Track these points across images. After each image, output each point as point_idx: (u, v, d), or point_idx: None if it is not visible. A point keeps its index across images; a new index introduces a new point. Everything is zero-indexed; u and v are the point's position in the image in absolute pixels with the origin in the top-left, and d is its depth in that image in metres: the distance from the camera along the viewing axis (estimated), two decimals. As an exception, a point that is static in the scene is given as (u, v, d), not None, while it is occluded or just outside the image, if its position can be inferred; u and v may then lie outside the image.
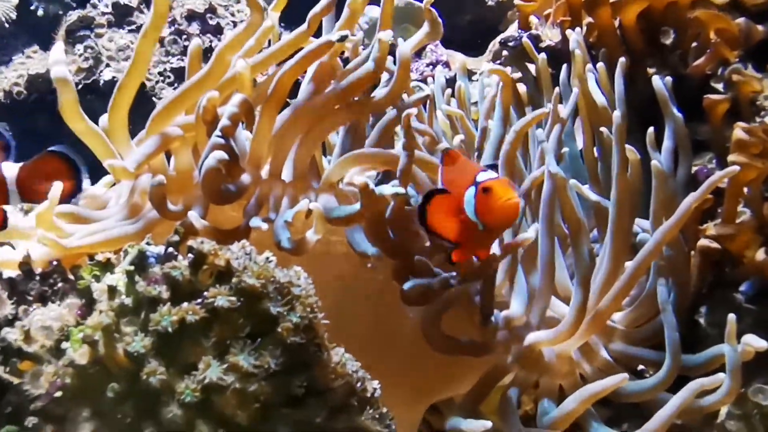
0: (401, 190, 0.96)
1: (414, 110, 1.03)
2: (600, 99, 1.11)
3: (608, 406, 1.05)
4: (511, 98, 1.14)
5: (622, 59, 1.13)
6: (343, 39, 1.03)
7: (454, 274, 1.02)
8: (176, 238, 0.84)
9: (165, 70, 2.21)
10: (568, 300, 1.07)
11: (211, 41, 2.31)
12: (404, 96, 1.06)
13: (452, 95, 1.39)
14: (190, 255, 0.81)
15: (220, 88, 1.00)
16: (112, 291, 0.80)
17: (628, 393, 0.99)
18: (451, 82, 1.44)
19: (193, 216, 0.92)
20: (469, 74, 1.53)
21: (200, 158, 0.95)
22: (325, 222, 0.98)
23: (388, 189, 0.95)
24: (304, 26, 1.03)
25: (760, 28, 1.23)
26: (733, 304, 1.05)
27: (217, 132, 0.92)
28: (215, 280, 0.80)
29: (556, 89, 1.15)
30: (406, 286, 0.99)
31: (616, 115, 1.05)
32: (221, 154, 0.93)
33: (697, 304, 1.08)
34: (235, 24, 2.36)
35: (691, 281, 1.08)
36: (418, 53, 1.74)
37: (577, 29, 1.27)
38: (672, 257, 1.06)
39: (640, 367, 1.08)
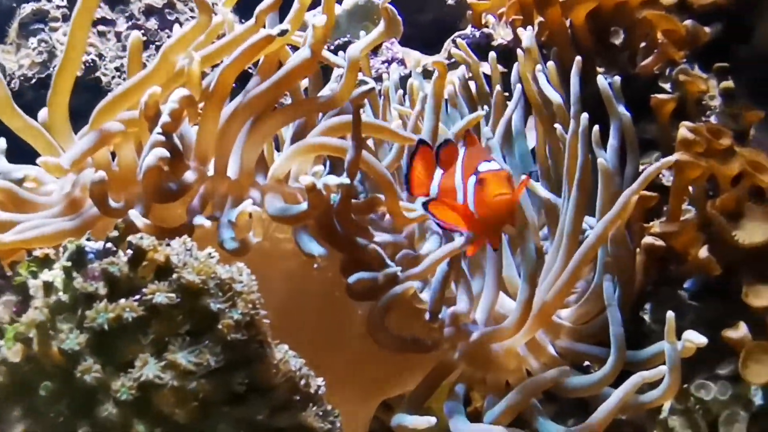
0: (346, 180, 0.96)
1: (363, 102, 1.04)
2: (555, 98, 1.11)
3: (554, 402, 1.06)
4: (444, 89, 1.14)
5: (578, 58, 1.14)
6: (283, 33, 1.02)
7: (400, 267, 1.03)
8: (116, 233, 0.83)
9: (122, 65, 2.17)
10: (516, 296, 1.08)
11: (169, 36, 2.29)
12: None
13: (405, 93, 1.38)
14: (129, 251, 0.79)
15: (166, 83, 0.99)
16: (48, 287, 0.79)
17: (573, 387, 1.00)
18: (406, 80, 1.44)
19: (134, 214, 0.91)
20: (426, 72, 1.52)
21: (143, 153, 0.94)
22: (266, 224, 0.97)
23: (333, 180, 0.94)
24: (251, 21, 1.02)
25: (706, 29, 1.25)
26: (676, 301, 1.07)
27: (158, 129, 0.91)
28: (155, 276, 0.79)
29: (497, 88, 1.16)
30: (351, 279, 0.98)
31: (584, 116, 1.06)
32: (162, 152, 0.91)
33: (642, 301, 1.10)
34: (192, 17, 2.34)
35: (637, 278, 1.09)
36: (375, 51, 1.73)
37: (529, 28, 1.28)
38: (618, 254, 1.07)
39: (587, 363, 1.08)
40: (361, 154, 1.01)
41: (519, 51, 1.19)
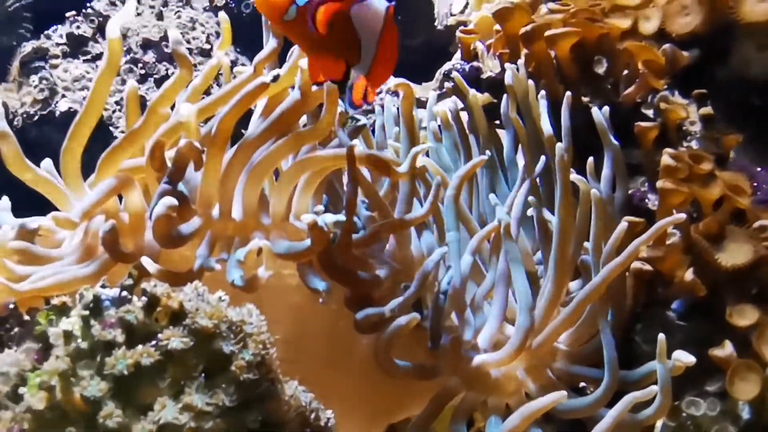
0: (342, 218, 1.01)
1: (356, 142, 1.08)
2: (547, 129, 1.16)
3: (552, 422, 1.10)
4: (412, 109, 1.18)
5: (568, 93, 1.19)
6: (275, 79, 1.07)
7: (405, 300, 1.07)
8: (130, 281, 0.87)
9: (121, 99, 2.22)
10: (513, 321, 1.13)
11: (167, 69, 2.33)
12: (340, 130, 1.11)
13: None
14: (144, 298, 0.84)
15: (167, 133, 1.04)
16: (68, 336, 0.83)
17: (569, 409, 1.04)
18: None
19: (146, 261, 0.95)
20: (417, 102, 1.57)
21: (151, 201, 0.99)
22: (276, 258, 1.02)
23: (330, 218, 0.99)
24: (249, 70, 1.07)
25: (685, 53, 1.30)
26: (665, 321, 1.11)
27: (166, 178, 0.96)
28: (169, 321, 0.83)
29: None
30: (359, 316, 1.03)
31: (559, 146, 1.11)
32: (171, 201, 0.96)
33: (632, 322, 1.14)
34: (190, 51, 2.39)
35: (627, 302, 1.14)
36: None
37: (520, 62, 1.33)
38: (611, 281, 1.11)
39: (583, 384, 1.13)
40: (357, 190, 1.06)
41: (508, 81, 1.24)
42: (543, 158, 1.16)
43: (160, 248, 1.01)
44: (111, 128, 2.15)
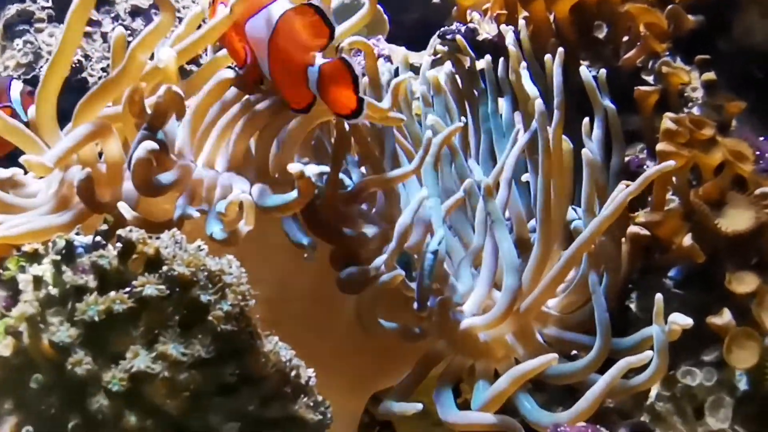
0: (326, 169, 0.97)
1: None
2: (534, 91, 1.13)
3: (543, 391, 1.07)
4: (376, 64, 1.15)
5: (560, 50, 1.15)
6: None
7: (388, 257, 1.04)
8: (105, 227, 0.83)
9: (108, 66, 2.17)
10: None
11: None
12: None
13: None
14: (118, 244, 0.80)
15: (146, 78, 0.99)
16: (38, 281, 0.79)
17: (560, 374, 1.01)
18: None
19: (123, 206, 0.91)
20: (412, 68, 1.53)
21: (130, 150, 0.94)
22: (257, 212, 0.98)
23: (314, 169, 0.94)
24: (226, 10, 1.02)
25: (690, 17, 1.26)
26: (662, 289, 1.08)
27: (145, 125, 0.92)
28: (144, 268, 0.79)
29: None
30: (343, 274, 0.99)
31: (538, 102, 1.07)
32: (151, 145, 0.92)
33: (628, 289, 1.11)
34: (180, 20, 2.34)
35: (622, 267, 1.10)
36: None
37: (521, 23, 1.29)
38: (604, 244, 1.08)
39: (574, 352, 1.10)
40: (344, 143, 1.02)
41: (511, 47, 1.21)
42: (538, 106, 1.11)
43: (139, 198, 0.96)
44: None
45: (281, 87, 1.03)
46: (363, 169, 1.12)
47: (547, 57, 1.16)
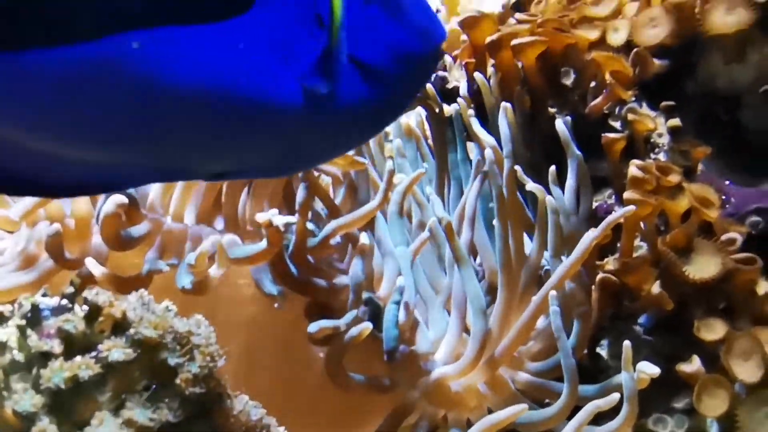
0: (293, 219, 0.97)
1: None
2: (489, 140, 1.14)
3: (516, 439, 1.07)
4: None
5: (506, 105, 1.17)
6: None
7: (363, 310, 1.04)
8: (71, 289, 0.83)
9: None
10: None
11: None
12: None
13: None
14: (85, 306, 0.79)
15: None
16: (3, 346, 0.78)
17: (530, 423, 1.01)
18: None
19: (91, 262, 0.91)
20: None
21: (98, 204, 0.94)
22: (227, 263, 0.98)
23: (281, 219, 0.94)
24: None
25: (656, 61, 1.29)
26: (632, 336, 1.09)
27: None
28: (111, 332, 0.79)
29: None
30: (311, 328, 0.99)
31: (488, 152, 1.10)
32: (120, 199, 0.92)
33: (598, 337, 1.12)
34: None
35: (593, 315, 1.11)
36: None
37: (489, 70, 1.31)
38: (573, 291, 1.09)
39: (548, 400, 1.10)
40: (311, 191, 1.02)
41: (460, 100, 1.23)
42: (488, 155, 1.13)
43: (108, 253, 0.96)
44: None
45: None
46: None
47: (506, 105, 1.18)
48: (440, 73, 1.38)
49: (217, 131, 0.52)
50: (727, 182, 1.21)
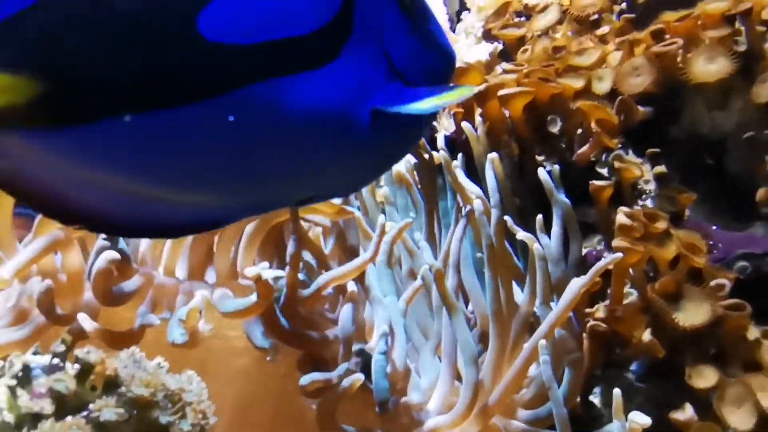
0: (281, 273, 0.97)
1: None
2: (476, 190, 1.16)
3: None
4: None
5: (493, 155, 1.19)
6: None
7: (355, 361, 1.04)
8: (63, 348, 0.83)
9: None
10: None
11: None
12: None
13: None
14: (76, 365, 0.79)
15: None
16: (-7, 407, 0.78)
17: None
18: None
19: (83, 318, 0.91)
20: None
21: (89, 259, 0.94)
22: (219, 317, 0.98)
23: (270, 273, 0.95)
24: None
25: (640, 108, 1.31)
26: (624, 383, 1.09)
27: (103, 234, 0.92)
28: (103, 390, 0.79)
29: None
30: (303, 381, 0.99)
31: (477, 203, 1.12)
32: (112, 254, 0.92)
33: (591, 384, 1.12)
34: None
35: (584, 362, 1.11)
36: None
37: (477, 120, 1.33)
38: (564, 338, 1.09)
39: (541, 449, 1.09)
40: (301, 244, 1.03)
41: (442, 152, 1.25)
42: (476, 205, 1.14)
43: (99, 308, 0.96)
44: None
45: None
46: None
47: (493, 156, 1.20)
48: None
49: (313, 163, 0.60)
50: (714, 227, 1.23)
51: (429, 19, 0.66)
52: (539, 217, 1.15)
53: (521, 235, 1.13)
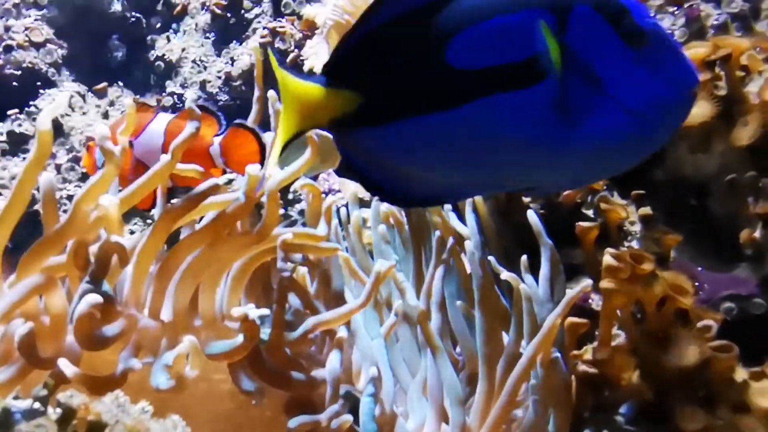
0: (266, 311, 0.97)
1: (288, 235, 1.05)
2: (464, 231, 1.16)
3: None
4: (320, 205, 1.18)
5: (477, 199, 1.20)
6: (230, 182, 1.05)
7: (342, 403, 1.03)
8: (44, 392, 0.81)
9: (61, 197, 2.17)
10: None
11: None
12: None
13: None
14: (58, 409, 0.78)
15: (90, 227, 0.99)
16: (-29, 453, 0.76)
17: None
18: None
19: (64, 363, 0.89)
20: (362, 202, 1.56)
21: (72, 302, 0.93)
22: (204, 360, 0.96)
23: (255, 312, 0.94)
24: (167, 157, 1.03)
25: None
26: (613, 426, 1.08)
27: (87, 277, 0.91)
28: (85, 435, 0.77)
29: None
30: (292, 423, 0.97)
31: (468, 243, 1.14)
32: (95, 298, 0.91)
33: (580, 428, 1.11)
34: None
35: (572, 405, 1.10)
36: (313, 179, 1.78)
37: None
38: (550, 380, 1.08)
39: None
40: (287, 284, 1.03)
41: None
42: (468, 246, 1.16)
43: (82, 352, 0.94)
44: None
45: (189, 182, 1.13)
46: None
47: (476, 198, 1.21)
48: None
49: (525, 159, 0.83)
50: (699, 268, 1.23)
51: (658, 48, 0.79)
52: (524, 258, 1.15)
53: (506, 275, 1.13)
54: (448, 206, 1.24)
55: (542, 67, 0.79)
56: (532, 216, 1.19)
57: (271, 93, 1.15)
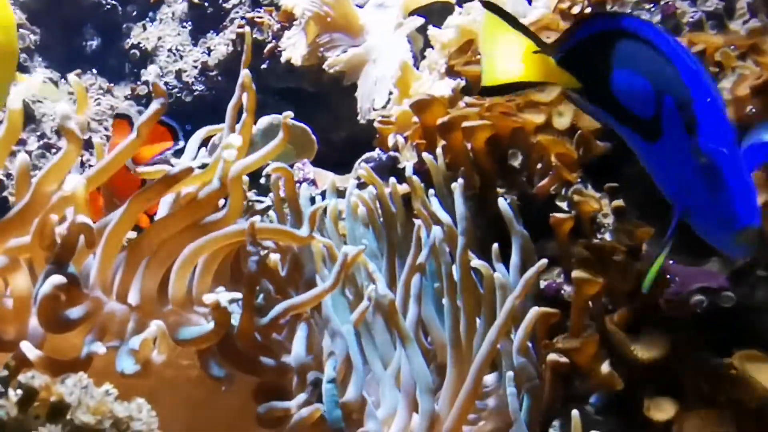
0: (237, 295, 0.95)
1: (257, 218, 1.04)
2: (446, 218, 1.16)
3: None
4: (294, 189, 1.22)
5: (460, 181, 1.21)
6: (203, 166, 1.04)
7: (311, 391, 1.02)
8: (5, 373, 0.79)
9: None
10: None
11: (82, 156, 2.27)
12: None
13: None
14: (19, 390, 0.76)
15: (56, 209, 0.97)
16: (-72, 435, 0.74)
17: None
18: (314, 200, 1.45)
19: (26, 346, 0.87)
20: (339, 192, 1.55)
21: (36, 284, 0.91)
22: (171, 342, 0.95)
23: (226, 296, 0.93)
24: (133, 135, 1.02)
25: (599, 143, 1.33)
26: (583, 416, 1.07)
27: (53, 258, 0.89)
28: (47, 417, 0.75)
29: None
30: (261, 410, 0.96)
31: (437, 229, 1.15)
32: (59, 279, 0.89)
33: (550, 417, 1.11)
34: (108, 138, 2.33)
35: (544, 395, 1.10)
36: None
37: (438, 151, 1.34)
38: (523, 367, 1.08)
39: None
40: (258, 269, 1.01)
41: (414, 179, 1.25)
42: (433, 234, 1.16)
43: (45, 334, 0.92)
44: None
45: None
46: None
47: (453, 185, 1.21)
48: (392, 153, 1.40)
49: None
50: (671, 262, 1.24)
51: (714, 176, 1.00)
52: (495, 246, 1.15)
53: (476, 263, 1.13)
54: (431, 191, 1.24)
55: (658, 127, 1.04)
56: (503, 204, 1.19)
57: (246, 73, 1.14)
